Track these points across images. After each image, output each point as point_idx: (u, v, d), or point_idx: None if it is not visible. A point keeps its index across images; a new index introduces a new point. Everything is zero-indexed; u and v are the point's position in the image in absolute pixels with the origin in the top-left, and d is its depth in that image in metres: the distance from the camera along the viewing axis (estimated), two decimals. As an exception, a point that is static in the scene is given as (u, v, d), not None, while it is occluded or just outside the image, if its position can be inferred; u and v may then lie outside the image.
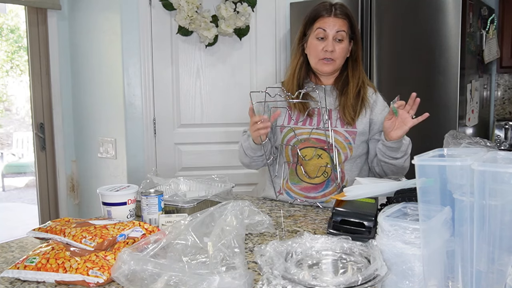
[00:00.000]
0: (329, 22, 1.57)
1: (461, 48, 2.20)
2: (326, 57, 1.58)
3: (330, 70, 1.61)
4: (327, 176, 1.61)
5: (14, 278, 0.97)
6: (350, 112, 1.58)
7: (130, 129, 2.72)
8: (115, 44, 2.69)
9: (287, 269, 0.81)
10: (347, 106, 1.59)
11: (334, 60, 1.59)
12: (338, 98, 1.63)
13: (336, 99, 1.63)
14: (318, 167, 1.60)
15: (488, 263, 0.76)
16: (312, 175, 1.61)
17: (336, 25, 1.56)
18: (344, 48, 1.59)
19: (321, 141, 1.59)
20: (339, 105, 1.61)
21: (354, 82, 1.62)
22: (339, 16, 1.58)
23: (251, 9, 2.65)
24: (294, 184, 1.65)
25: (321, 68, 1.61)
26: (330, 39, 1.56)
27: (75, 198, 3.06)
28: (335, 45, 1.57)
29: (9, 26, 7.60)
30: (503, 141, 2.97)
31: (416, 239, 0.82)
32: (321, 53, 1.58)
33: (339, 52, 1.58)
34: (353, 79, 1.62)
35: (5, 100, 7.89)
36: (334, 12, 1.58)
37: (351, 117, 1.58)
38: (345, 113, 1.58)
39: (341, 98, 1.62)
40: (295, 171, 1.65)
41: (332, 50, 1.56)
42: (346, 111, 1.58)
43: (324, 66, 1.60)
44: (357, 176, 1.63)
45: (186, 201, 1.39)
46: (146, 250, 0.96)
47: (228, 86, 2.81)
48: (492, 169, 0.73)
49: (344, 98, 1.61)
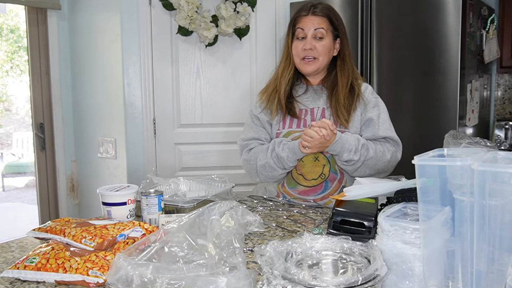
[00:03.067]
0: (306, 21, 1.57)
1: (461, 48, 2.19)
2: (307, 56, 1.57)
3: (312, 69, 1.59)
4: (325, 177, 1.60)
5: (14, 278, 0.97)
6: (343, 113, 1.56)
7: (130, 129, 2.72)
8: (115, 44, 2.69)
9: (287, 269, 0.81)
10: (339, 107, 1.57)
11: (316, 58, 1.57)
12: (328, 98, 1.61)
13: (327, 99, 1.62)
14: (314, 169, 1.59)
15: (488, 263, 0.76)
16: (309, 177, 1.60)
17: (314, 23, 1.56)
18: (325, 45, 1.57)
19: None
20: (331, 107, 1.59)
21: (344, 81, 1.60)
22: (318, 14, 1.57)
23: (251, 9, 2.65)
24: (292, 188, 1.64)
25: (303, 68, 1.60)
26: (309, 37, 1.56)
27: (75, 198, 3.06)
28: (315, 42, 1.56)
29: (9, 26, 7.60)
30: (503, 141, 2.97)
31: (416, 239, 0.82)
32: (302, 52, 1.57)
33: (320, 49, 1.57)
34: (342, 78, 1.60)
35: (5, 100, 7.89)
36: (312, 10, 1.57)
37: (345, 119, 1.56)
38: (339, 114, 1.57)
39: (332, 99, 1.60)
40: (290, 174, 1.64)
41: (310, 48, 1.55)
42: (339, 112, 1.57)
43: (305, 65, 1.59)
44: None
45: (186, 201, 1.39)
46: (141, 254, 0.95)
47: (228, 86, 2.81)
48: (492, 169, 0.73)
49: (335, 99, 1.59)
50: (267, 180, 1.65)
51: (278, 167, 1.57)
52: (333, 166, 1.59)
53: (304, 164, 1.60)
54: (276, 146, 1.57)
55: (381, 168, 1.57)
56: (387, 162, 1.56)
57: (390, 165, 1.59)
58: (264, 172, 1.61)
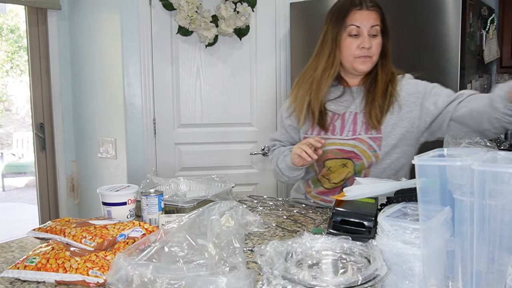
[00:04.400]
0: (362, 17, 1.43)
1: (461, 48, 2.19)
2: (364, 55, 1.45)
3: (368, 68, 1.48)
4: (345, 180, 1.53)
5: (14, 278, 0.97)
6: (376, 113, 1.47)
7: (130, 129, 2.72)
8: (115, 44, 2.69)
9: (287, 269, 0.81)
10: (373, 107, 1.47)
11: (370, 57, 1.46)
12: (364, 98, 1.51)
13: (362, 100, 1.51)
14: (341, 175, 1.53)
15: (488, 263, 0.76)
16: (335, 181, 1.55)
17: (370, 19, 1.43)
18: (379, 44, 1.47)
19: (345, 152, 1.50)
20: (365, 105, 1.49)
21: (383, 79, 1.49)
22: (371, 8, 1.44)
23: (251, 9, 2.65)
24: (315, 188, 1.60)
25: (358, 67, 1.47)
26: (365, 34, 1.43)
27: (75, 198, 3.06)
28: (371, 40, 1.44)
29: (9, 26, 7.60)
30: (503, 141, 2.97)
31: (416, 239, 0.82)
32: (357, 51, 1.45)
33: (375, 48, 1.46)
34: (382, 76, 1.49)
35: (5, 100, 7.90)
36: (365, 4, 1.44)
37: (377, 120, 1.46)
38: (371, 114, 1.47)
39: (368, 97, 1.50)
40: (316, 176, 1.60)
41: (369, 46, 1.44)
42: (372, 112, 1.47)
43: (361, 64, 1.46)
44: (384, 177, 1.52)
45: (186, 201, 1.39)
46: (141, 254, 0.95)
47: (228, 86, 2.81)
48: (492, 169, 0.73)
49: (371, 96, 1.48)
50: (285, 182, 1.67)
51: (283, 175, 1.59)
52: (358, 170, 1.51)
53: (332, 172, 1.54)
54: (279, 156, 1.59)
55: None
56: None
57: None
58: (276, 176, 1.64)
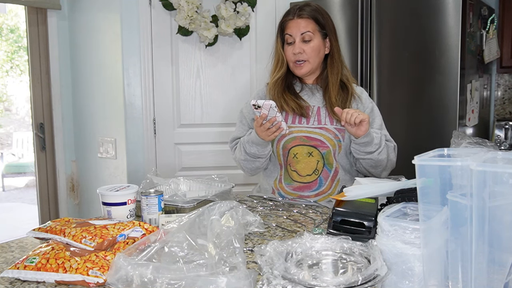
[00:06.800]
0: (293, 26, 1.60)
1: (461, 48, 2.20)
2: (297, 60, 1.61)
3: (304, 71, 1.63)
4: (318, 173, 1.62)
5: (14, 278, 0.97)
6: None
7: (130, 129, 2.72)
8: (115, 44, 2.69)
9: (287, 269, 0.81)
10: (332, 104, 1.60)
11: (306, 61, 1.61)
12: (323, 97, 1.65)
13: (322, 97, 1.66)
14: (308, 165, 1.61)
15: (488, 263, 0.76)
16: (303, 173, 1.62)
17: (300, 27, 1.59)
18: (314, 47, 1.60)
19: (311, 139, 1.60)
20: (326, 104, 1.63)
21: (333, 79, 1.63)
22: (303, 16, 1.60)
23: (251, 9, 2.65)
24: (288, 184, 1.66)
25: (296, 71, 1.64)
26: (297, 41, 1.59)
27: (75, 198, 3.06)
28: (304, 46, 1.59)
29: (9, 26, 7.60)
30: (503, 141, 2.97)
31: (416, 239, 0.82)
32: (292, 56, 1.61)
33: (309, 52, 1.60)
34: (331, 75, 1.64)
35: (5, 100, 7.90)
36: (297, 13, 1.60)
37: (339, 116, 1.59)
38: (333, 111, 1.58)
39: (325, 96, 1.64)
40: (286, 170, 1.66)
41: (299, 52, 1.59)
42: (334, 107, 1.58)
43: (297, 69, 1.63)
44: (349, 167, 1.65)
45: (186, 201, 1.39)
46: (141, 254, 0.95)
47: (228, 86, 2.81)
48: (492, 169, 0.73)
49: (327, 96, 1.63)
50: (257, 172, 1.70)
51: (255, 159, 1.63)
52: (327, 161, 1.61)
53: (298, 160, 1.62)
54: (244, 144, 1.63)
55: (387, 167, 1.61)
56: (392, 161, 1.62)
57: (389, 164, 1.63)
58: (246, 165, 1.67)
